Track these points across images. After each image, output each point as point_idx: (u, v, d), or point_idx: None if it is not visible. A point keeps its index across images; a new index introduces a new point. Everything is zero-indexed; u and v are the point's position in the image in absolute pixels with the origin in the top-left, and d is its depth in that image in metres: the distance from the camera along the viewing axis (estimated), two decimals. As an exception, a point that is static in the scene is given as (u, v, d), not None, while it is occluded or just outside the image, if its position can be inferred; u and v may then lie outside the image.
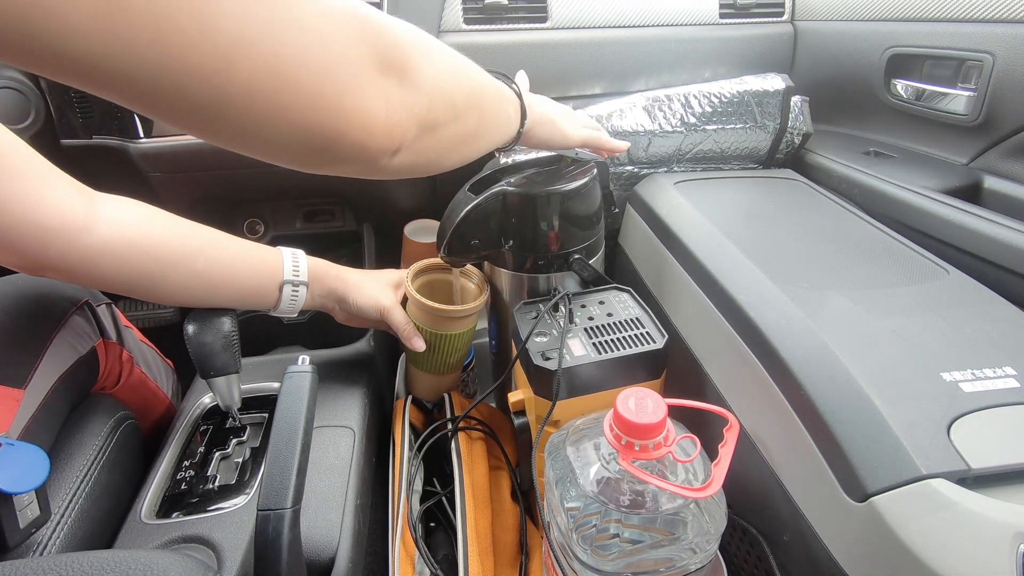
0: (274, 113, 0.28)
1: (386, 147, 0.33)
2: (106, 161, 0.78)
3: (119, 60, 0.24)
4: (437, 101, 0.36)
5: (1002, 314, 0.49)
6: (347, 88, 0.30)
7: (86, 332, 0.55)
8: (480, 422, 0.69)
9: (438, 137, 0.37)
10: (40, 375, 0.48)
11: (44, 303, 0.53)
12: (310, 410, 0.42)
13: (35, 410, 0.47)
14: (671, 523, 0.42)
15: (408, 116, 0.33)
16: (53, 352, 0.50)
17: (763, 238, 0.62)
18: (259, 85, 0.27)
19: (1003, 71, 0.65)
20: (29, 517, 0.42)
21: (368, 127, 0.31)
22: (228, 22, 0.25)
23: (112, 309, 0.62)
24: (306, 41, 0.28)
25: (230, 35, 0.25)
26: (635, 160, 0.83)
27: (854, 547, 0.38)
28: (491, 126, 0.46)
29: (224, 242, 0.54)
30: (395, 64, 0.32)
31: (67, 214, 0.44)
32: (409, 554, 0.55)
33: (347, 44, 0.30)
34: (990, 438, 0.37)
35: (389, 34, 0.32)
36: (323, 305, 0.63)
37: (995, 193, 0.70)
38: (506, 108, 0.49)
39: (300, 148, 0.31)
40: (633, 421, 0.40)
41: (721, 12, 0.91)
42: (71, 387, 0.52)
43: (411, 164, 0.36)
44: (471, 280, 0.70)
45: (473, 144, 0.44)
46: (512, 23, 0.83)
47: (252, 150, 0.31)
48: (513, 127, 0.51)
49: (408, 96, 0.33)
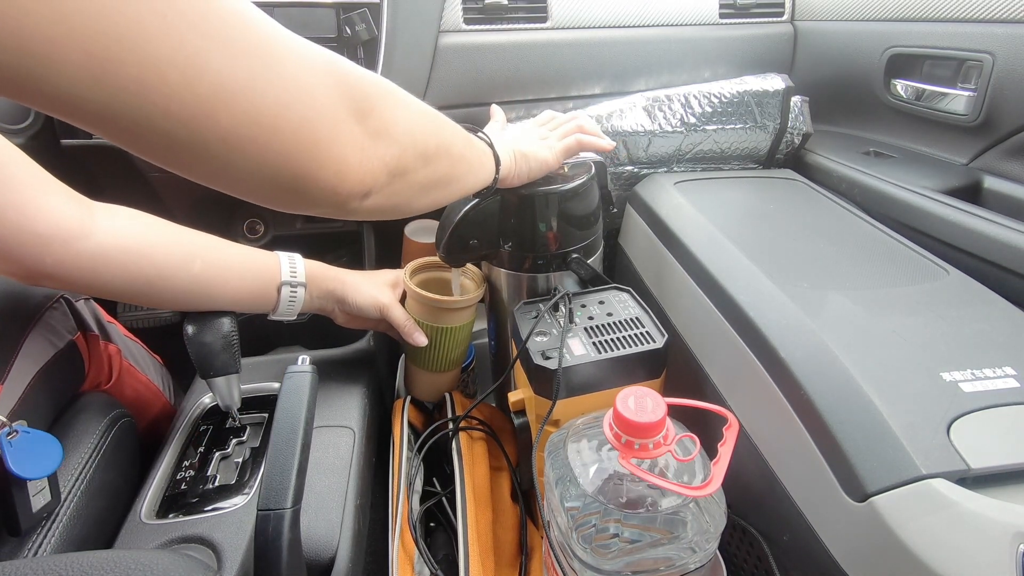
0: (250, 158, 0.30)
1: (357, 192, 0.35)
2: (106, 161, 0.78)
3: (105, 103, 0.25)
4: (408, 149, 0.38)
5: (1002, 314, 0.49)
6: (322, 137, 0.31)
7: (63, 326, 0.55)
8: (481, 422, 0.69)
9: (408, 183, 0.39)
10: (17, 369, 0.48)
11: (18, 300, 0.52)
12: (310, 410, 0.42)
13: (14, 404, 0.47)
14: (671, 522, 0.42)
15: (379, 164, 0.35)
16: (29, 347, 0.50)
17: (763, 238, 0.62)
18: (238, 132, 0.28)
19: (1003, 71, 0.65)
20: (41, 503, 0.44)
21: (340, 173, 0.33)
22: (212, 75, 0.27)
23: (92, 305, 0.62)
24: (286, 93, 0.29)
25: (212, 87, 0.27)
26: (635, 160, 0.83)
27: (854, 547, 0.38)
28: (462, 172, 0.48)
29: (220, 246, 0.54)
30: (369, 114, 0.34)
31: (63, 222, 0.44)
32: (408, 554, 0.55)
33: (324, 95, 0.31)
34: (990, 438, 0.37)
35: (363, 85, 0.34)
36: (322, 307, 0.63)
37: (995, 193, 0.70)
38: (477, 155, 0.51)
39: (274, 190, 0.32)
40: (633, 420, 0.40)
41: (721, 12, 0.91)
42: (53, 383, 0.52)
43: (381, 207, 0.38)
44: (468, 276, 0.71)
45: (444, 189, 0.46)
46: (512, 23, 0.83)
47: (227, 188, 0.32)
48: (488, 173, 0.53)
49: (380, 144, 0.35)
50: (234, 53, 0.27)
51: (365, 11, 0.73)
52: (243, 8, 0.28)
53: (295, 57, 0.30)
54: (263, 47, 0.29)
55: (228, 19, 0.27)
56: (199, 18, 0.26)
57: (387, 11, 0.75)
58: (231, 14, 0.27)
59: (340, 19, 0.73)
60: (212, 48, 0.26)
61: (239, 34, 0.28)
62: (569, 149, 0.63)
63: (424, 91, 0.80)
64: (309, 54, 0.31)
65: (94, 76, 0.24)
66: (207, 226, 0.55)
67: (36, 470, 0.42)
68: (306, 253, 0.61)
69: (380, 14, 0.75)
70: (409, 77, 0.78)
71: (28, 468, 0.41)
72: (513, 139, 0.59)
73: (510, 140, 0.58)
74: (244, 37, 0.28)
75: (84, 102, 0.25)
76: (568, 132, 0.64)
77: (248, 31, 0.28)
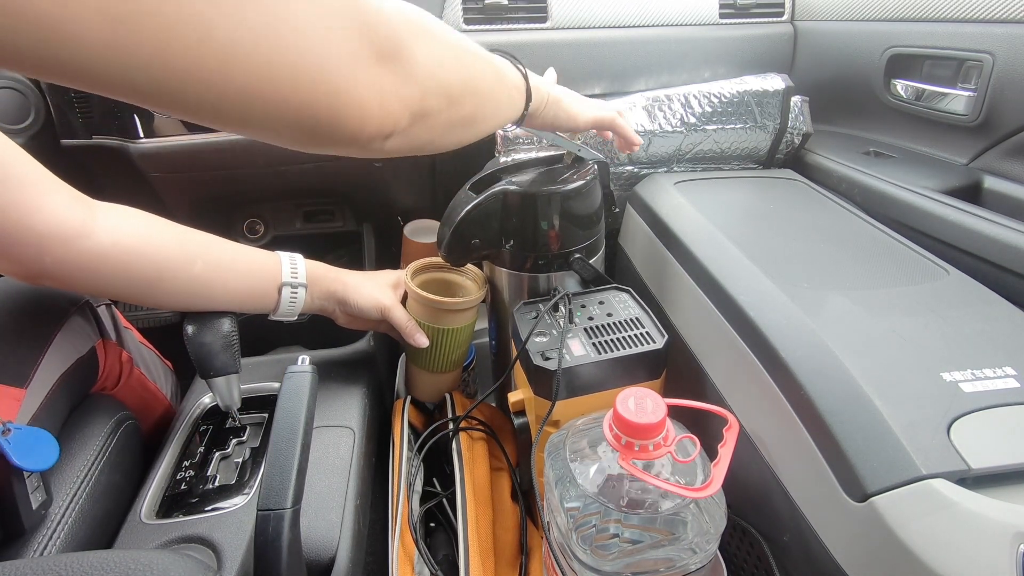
0: (270, 109, 0.30)
1: (378, 134, 0.34)
2: (106, 161, 0.78)
3: (123, 68, 0.25)
4: (431, 90, 0.37)
5: (1002, 314, 0.49)
6: (342, 85, 0.31)
7: (86, 332, 0.55)
8: (481, 422, 0.69)
9: (430, 124, 0.38)
10: (41, 374, 0.48)
11: (45, 303, 0.53)
12: (310, 410, 0.42)
13: (36, 409, 0.47)
14: (671, 523, 0.42)
15: (400, 106, 0.34)
16: (54, 352, 0.50)
17: (763, 238, 0.62)
18: (255, 86, 0.28)
19: (1003, 71, 0.65)
20: (39, 499, 0.44)
21: (362, 118, 0.33)
22: (224, 31, 0.26)
23: (112, 310, 0.62)
24: (302, 43, 0.29)
25: (226, 43, 0.27)
26: (635, 160, 0.83)
27: (854, 547, 0.38)
28: (489, 111, 0.46)
29: (221, 246, 0.54)
30: (390, 54, 0.33)
31: (64, 222, 0.44)
32: (408, 554, 0.55)
33: (343, 41, 0.30)
34: (990, 438, 0.37)
35: (385, 22, 0.33)
36: (323, 308, 0.63)
37: (995, 193, 0.70)
38: (507, 90, 0.49)
39: (297, 134, 0.32)
40: (633, 421, 0.40)
41: (721, 12, 0.91)
42: (71, 387, 0.52)
43: (404, 147, 0.37)
44: (468, 276, 0.71)
45: (471, 128, 0.44)
46: (512, 23, 0.83)
47: (251, 135, 0.32)
48: (516, 108, 0.51)
49: (401, 87, 0.34)
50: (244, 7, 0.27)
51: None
52: None
53: (311, 5, 0.29)
54: None
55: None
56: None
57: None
58: None
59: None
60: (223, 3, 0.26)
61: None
62: (602, 120, 0.61)
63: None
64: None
65: (109, 41, 0.24)
66: (207, 226, 0.55)
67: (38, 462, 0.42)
68: (306, 253, 0.61)
69: (380, 14, 0.75)
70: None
71: (30, 461, 0.41)
72: (551, 84, 0.56)
73: (548, 84, 0.56)
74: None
75: (103, 67, 0.25)
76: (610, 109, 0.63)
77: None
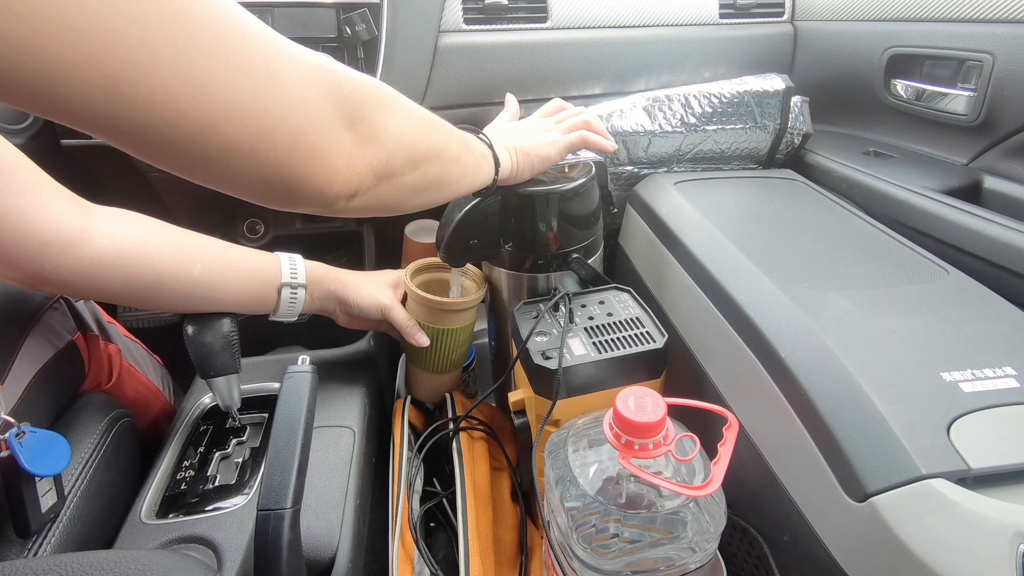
0: (249, 166, 0.32)
1: (344, 193, 0.37)
2: (106, 161, 0.78)
3: (117, 119, 0.27)
4: (396, 153, 0.39)
5: (1002, 314, 0.49)
6: (314, 146, 0.34)
7: (64, 326, 0.55)
8: (481, 422, 0.69)
9: (395, 185, 0.41)
10: (16, 371, 0.48)
11: (17, 300, 0.52)
12: (310, 410, 0.42)
13: (14, 405, 0.47)
14: (671, 522, 0.42)
15: (365, 167, 0.37)
16: (29, 347, 0.50)
17: (763, 238, 0.62)
18: (239, 144, 0.31)
19: (1003, 71, 0.65)
20: (48, 503, 0.44)
21: (329, 178, 0.35)
22: (217, 95, 0.28)
23: (91, 305, 0.62)
24: (284, 108, 0.32)
25: (217, 105, 0.29)
26: (635, 160, 0.82)
27: (854, 547, 0.38)
28: (456, 175, 0.49)
29: (220, 248, 0.54)
30: (359, 120, 0.36)
31: (63, 227, 0.45)
32: (408, 554, 0.55)
33: (319, 106, 0.33)
34: (990, 438, 0.37)
35: (356, 92, 0.36)
36: (323, 308, 0.63)
37: (995, 193, 0.69)
38: (475, 157, 0.52)
39: (268, 191, 0.35)
40: (633, 420, 0.40)
41: (721, 12, 0.91)
42: (53, 383, 0.52)
43: (368, 206, 0.40)
44: (468, 277, 0.71)
45: (436, 191, 0.47)
46: (512, 23, 0.83)
47: (225, 189, 0.34)
48: (487, 174, 0.54)
49: (368, 149, 0.37)
50: (239, 73, 0.29)
51: (365, 11, 0.73)
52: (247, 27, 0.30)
53: (293, 72, 0.32)
54: (265, 65, 0.30)
55: (233, 41, 0.29)
56: (207, 43, 0.28)
57: (387, 11, 0.75)
58: (236, 35, 0.29)
59: (340, 19, 0.73)
60: (218, 70, 0.28)
61: (245, 56, 0.29)
62: (572, 145, 0.62)
63: (424, 91, 0.80)
64: (306, 66, 0.33)
65: (108, 95, 0.26)
66: (207, 226, 0.55)
67: (48, 467, 0.42)
68: (306, 253, 0.61)
69: (380, 14, 0.75)
70: (409, 77, 0.78)
71: (40, 466, 0.42)
72: (515, 136, 0.58)
73: (511, 138, 0.58)
74: (249, 59, 0.30)
75: (97, 117, 0.27)
76: (574, 127, 0.64)
77: (254, 52, 0.30)
